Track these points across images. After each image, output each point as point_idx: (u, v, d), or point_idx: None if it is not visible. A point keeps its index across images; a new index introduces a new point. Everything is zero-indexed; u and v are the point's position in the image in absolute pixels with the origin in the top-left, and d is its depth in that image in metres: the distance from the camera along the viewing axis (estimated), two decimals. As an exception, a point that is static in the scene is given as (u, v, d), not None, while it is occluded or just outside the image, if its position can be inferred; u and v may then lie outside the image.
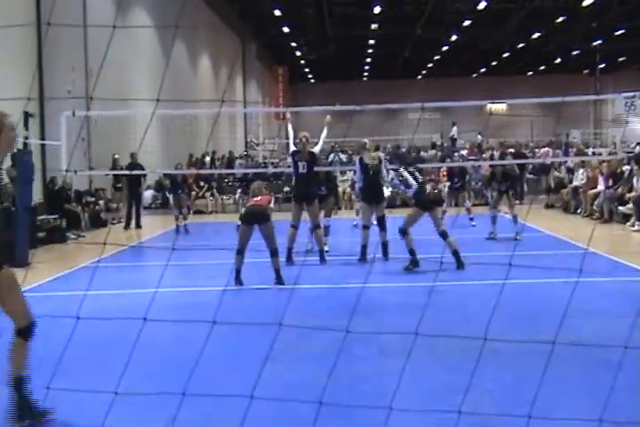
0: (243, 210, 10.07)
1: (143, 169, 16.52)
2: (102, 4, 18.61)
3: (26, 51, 15.04)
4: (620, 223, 14.77)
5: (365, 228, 10.46)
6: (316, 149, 10.77)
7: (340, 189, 20.16)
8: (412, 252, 9.57)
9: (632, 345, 4.19)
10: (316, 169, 11.01)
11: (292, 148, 10.89)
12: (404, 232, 9.61)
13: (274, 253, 8.92)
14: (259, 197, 9.09)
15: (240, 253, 8.80)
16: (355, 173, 14.67)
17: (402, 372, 4.23)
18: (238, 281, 8.66)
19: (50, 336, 6.55)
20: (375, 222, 10.66)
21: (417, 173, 10.13)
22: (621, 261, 10.02)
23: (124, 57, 19.48)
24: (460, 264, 9.49)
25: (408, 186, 10.03)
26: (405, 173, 10.11)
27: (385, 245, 10.42)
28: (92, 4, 17.86)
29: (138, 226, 16.71)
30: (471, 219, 15.20)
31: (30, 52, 15.17)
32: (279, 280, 8.85)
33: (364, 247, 10.35)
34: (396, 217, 11.56)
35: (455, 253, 9.52)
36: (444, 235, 9.58)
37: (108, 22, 16.95)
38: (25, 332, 4.34)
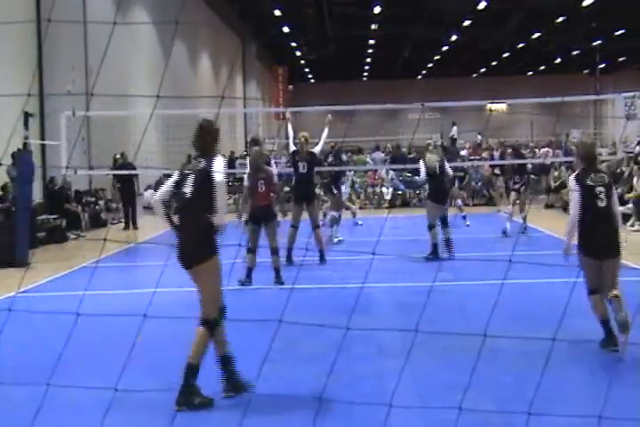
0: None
1: (135, 169, 16.40)
2: (102, 4, 18.60)
3: (26, 50, 15.03)
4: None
5: (432, 227, 10.51)
6: (317, 149, 10.84)
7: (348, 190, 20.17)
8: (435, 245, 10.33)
9: (631, 344, 4.20)
10: (317, 169, 11.10)
11: (292, 147, 10.92)
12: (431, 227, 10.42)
13: (274, 252, 8.95)
14: (261, 189, 9.14)
15: (251, 251, 8.89)
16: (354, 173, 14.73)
17: (401, 371, 4.23)
18: (249, 279, 8.83)
19: (50, 336, 6.56)
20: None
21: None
22: (621, 261, 10.00)
23: (125, 57, 19.48)
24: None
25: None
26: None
27: (448, 241, 10.58)
28: (91, 5, 17.85)
29: (134, 227, 16.65)
30: (464, 217, 15.07)
31: (30, 52, 15.17)
32: (278, 280, 8.86)
33: (435, 246, 10.45)
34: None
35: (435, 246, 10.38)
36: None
37: (109, 21, 16.95)
38: (210, 324, 4.79)
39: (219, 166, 4.67)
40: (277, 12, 32.59)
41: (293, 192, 11.20)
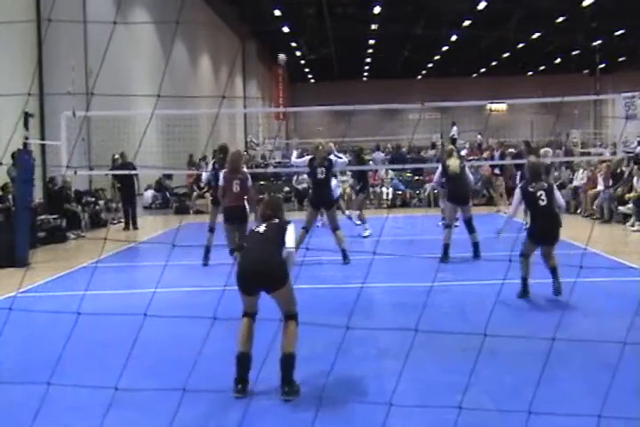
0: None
1: (134, 169, 16.38)
2: (102, 5, 18.61)
3: (26, 50, 15.04)
4: (620, 223, 14.77)
5: (448, 227, 10.49)
6: (332, 157, 10.97)
7: (340, 190, 20.15)
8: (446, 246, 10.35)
9: (631, 345, 4.20)
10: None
11: (295, 159, 11.39)
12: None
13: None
14: (236, 189, 9.40)
15: (234, 251, 9.20)
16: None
17: (401, 371, 4.23)
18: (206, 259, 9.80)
19: (50, 336, 6.57)
20: (457, 223, 11.14)
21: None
22: (621, 261, 10.02)
23: (125, 56, 19.49)
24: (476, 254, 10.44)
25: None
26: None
27: (476, 246, 10.50)
28: (91, 5, 17.86)
29: (134, 227, 16.64)
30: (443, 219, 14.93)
31: (30, 52, 15.17)
32: None
33: (446, 246, 10.33)
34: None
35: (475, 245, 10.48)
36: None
37: (108, 22, 16.95)
38: (295, 317, 5.28)
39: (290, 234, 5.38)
40: (277, 12, 32.59)
41: (311, 197, 11.25)
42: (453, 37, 38.72)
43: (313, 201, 10.92)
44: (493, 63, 49.49)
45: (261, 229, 5.40)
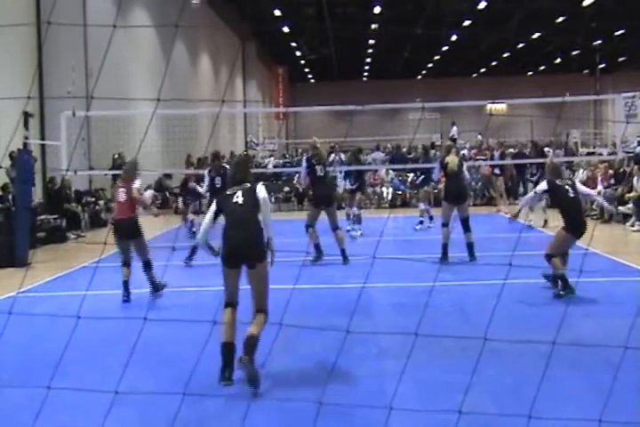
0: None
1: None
2: (102, 5, 18.60)
3: (26, 51, 15.04)
4: (620, 223, 14.76)
5: (445, 226, 10.29)
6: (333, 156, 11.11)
7: (340, 190, 20.14)
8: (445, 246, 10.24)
9: (632, 345, 4.19)
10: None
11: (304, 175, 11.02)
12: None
13: (147, 265, 8.42)
14: (122, 199, 8.34)
15: (125, 265, 8.35)
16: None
17: (402, 372, 4.23)
18: (126, 293, 8.12)
19: (50, 336, 6.56)
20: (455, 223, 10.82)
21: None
22: (621, 261, 10.01)
23: (124, 57, 19.48)
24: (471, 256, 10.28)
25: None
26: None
27: (470, 246, 10.32)
28: (91, 5, 17.85)
29: None
30: (431, 218, 14.64)
31: (30, 53, 15.17)
32: (155, 288, 8.44)
33: (445, 246, 10.18)
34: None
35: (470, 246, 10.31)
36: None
37: (109, 23, 16.95)
38: (267, 313, 5.38)
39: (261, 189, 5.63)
40: (277, 12, 32.58)
41: (313, 195, 11.20)
42: (453, 37, 38.71)
43: (314, 199, 10.88)
44: (493, 63, 49.47)
45: (239, 199, 5.45)
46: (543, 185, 8.14)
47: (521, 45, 42.15)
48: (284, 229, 12.46)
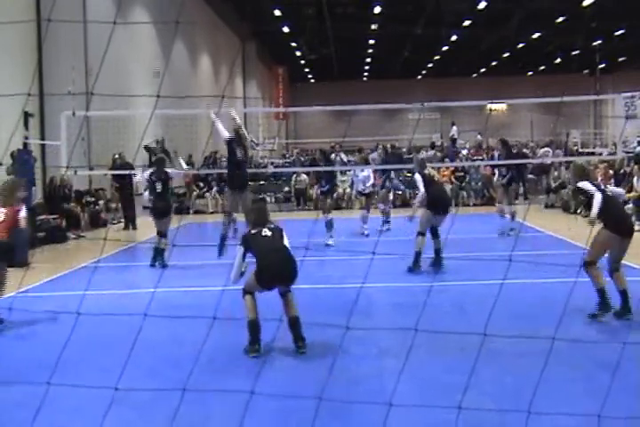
0: None
1: (133, 169, 16.35)
2: (102, 4, 18.60)
3: (26, 50, 15.04)
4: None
5: (422, 234, 9.78)
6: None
7: (340, 190, 20.17)
8: (418, 254, 9.76)
9: (632, 345, 4.19)
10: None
11: (225, 134, 10.56)
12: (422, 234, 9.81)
13: None
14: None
15: None
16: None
17: (401, 371, 4.23)
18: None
19: (50, 336, 6.57)
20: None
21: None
22: (621, 261, 10.00)
23: (124, 56, 19.47)
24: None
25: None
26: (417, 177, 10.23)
27: (438, 252, 9.83)
28: (91, 5, 17.85)
29: (133, 227, 16.62)
30: (387, 222, 14.45)
31: (30, 52, 15.17)
32: None
33: (418, 254, 9.74)
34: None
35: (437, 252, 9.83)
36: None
37: (109, 21, 16.94)
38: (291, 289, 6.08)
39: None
40: (277, 12, 32.58)
41: (231, 180, 10.80)
42: (453, 37, 38.71)
43: (234, 184, 10.61)
44: (493, 63, 49.47)
45: (267, 233, 6.05)
46: (597, 197, 6.83)
47: (521, 45, 42.15)
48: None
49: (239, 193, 10.44)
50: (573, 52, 44.71)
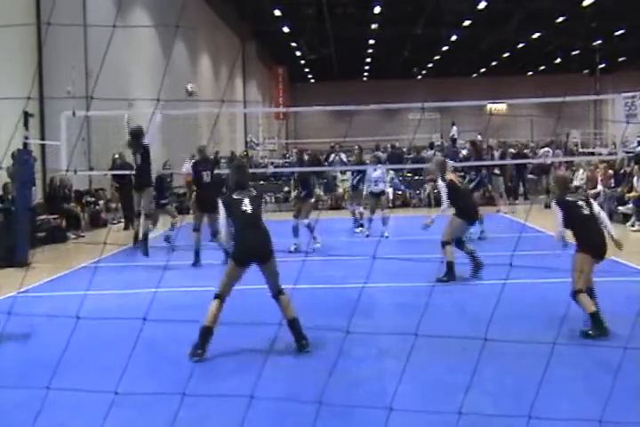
0: None
1: (133, 169, 16.30)
2: (102, 5, 18.60)
3: (26, 51, 15.03)
4: (620, 223, 14.76)
5: (449, 244, 9.12)
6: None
7: (340, 190, 20.17)
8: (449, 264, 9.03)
9: (632, 345, 4.19)
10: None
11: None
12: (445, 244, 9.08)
13: None
14: None
15: None
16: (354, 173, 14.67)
17: (402, 372, 4.23)
18: None
19: (50, 336, 6.56)
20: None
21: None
22: (621, 261, 10.00)
23: (124, 57, 19.47)
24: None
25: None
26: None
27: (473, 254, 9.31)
28: (91, 5, 17.85)
29: (133, 227, 16.59)
30: (361, 225, 14.18)
31: (30, 52, 15.16)
32: None
33: (451, 264, 9.03)
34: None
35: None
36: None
37: (109, 23, 16.94)
38: (283, 291, 6.08)
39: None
40: (277, 12, 32.58)
41: (196, 199, 10.92)
42: (453, 37, 38.72)
43: (197, 204, 10.83)
44: (493, 63, 49.48)
45: (248, 207, 6.03)
46: (557, 210, 6.91)
47: (521, 45, 42.16)
48: (283, 229, 12.47)
49: (212, 214, 10.40)
50: (573, 52, 44.72)
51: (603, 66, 46.85)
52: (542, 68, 51.31)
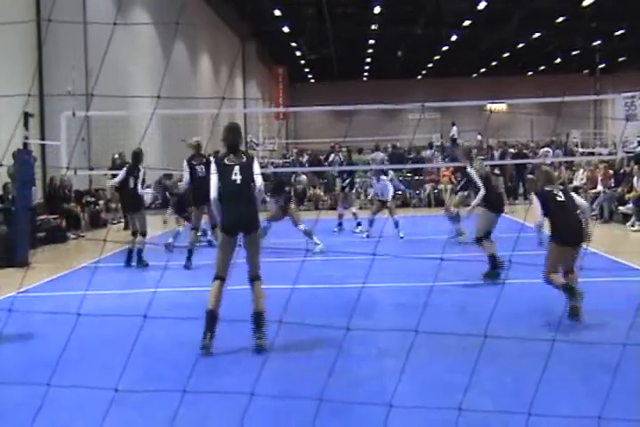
0: None
1: None
2: (102, 5, 18.60)
3: (26, 50, 15.03)
4: (619, 223, 14.77)
5: (487, 238, 8.88)
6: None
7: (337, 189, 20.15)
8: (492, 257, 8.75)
9: (631, 345, 4.19)
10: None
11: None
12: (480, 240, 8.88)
13: None
14: None
15: None
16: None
17: (402, 371, 4.23)
18: None
19: (50, 336, 6.56)
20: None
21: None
22: (621, 261, 10.01)
23: (124, 56, 19.48)
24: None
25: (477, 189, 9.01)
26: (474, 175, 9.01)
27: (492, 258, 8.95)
28: (92, 5, 17.85)
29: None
30: (358, 224, 14.27)
31: (30, 52, 15.17)
32: None
33: (494, 257, 8.78)
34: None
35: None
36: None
37: (109, 22, 16.94)
38: (260, 277, 6.07)
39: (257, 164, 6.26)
40: (277, 12, 32.59)
41: (192, 196, 10.69)
42: (453, 37, 38.72)
43: (193, 200, 10.66)
44: (493, 63, 49.50)
45: (238, 177, 6.04)
46: (536, 201, 7.00)
47: (521, 45, 42.17)
48: (283, 230, 12.48)
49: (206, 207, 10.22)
50: (573, 52, 44.73)
51: (603, 66, 46.87)
52: (542, 68, 51.32)
